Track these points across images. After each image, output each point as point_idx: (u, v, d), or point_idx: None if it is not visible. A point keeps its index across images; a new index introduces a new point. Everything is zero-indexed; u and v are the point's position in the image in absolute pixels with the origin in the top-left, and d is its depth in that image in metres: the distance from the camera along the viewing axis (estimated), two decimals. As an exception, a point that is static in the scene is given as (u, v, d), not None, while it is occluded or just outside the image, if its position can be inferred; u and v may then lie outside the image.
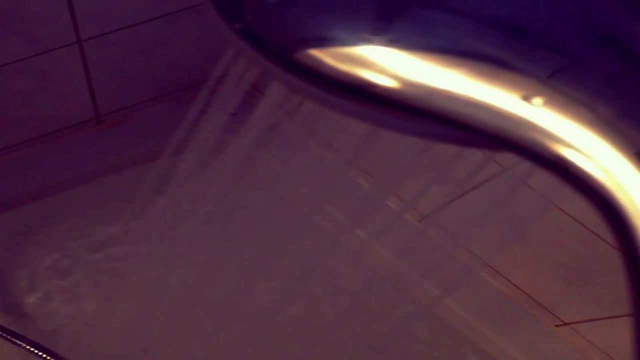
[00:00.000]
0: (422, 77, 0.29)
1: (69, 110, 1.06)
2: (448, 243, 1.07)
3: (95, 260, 1.05)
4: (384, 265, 1.09)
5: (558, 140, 0.26)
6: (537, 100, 0.26)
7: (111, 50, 1.00)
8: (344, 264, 1.05)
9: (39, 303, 1.02)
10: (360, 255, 1.05)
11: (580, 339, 1.03)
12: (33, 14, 0.87)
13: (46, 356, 0.93)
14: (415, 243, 1.09)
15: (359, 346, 1.05)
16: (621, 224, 0.24)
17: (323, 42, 0.31)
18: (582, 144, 0.25)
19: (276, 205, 1.03)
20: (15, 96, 0.97)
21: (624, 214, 0.24)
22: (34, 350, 0.92)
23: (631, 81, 0.28)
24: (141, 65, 1.06)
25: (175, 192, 0.88)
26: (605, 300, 0.97)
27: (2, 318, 0.99)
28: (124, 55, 1.02)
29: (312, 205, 1.01)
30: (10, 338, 0.93)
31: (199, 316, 0.92)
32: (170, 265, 0.97)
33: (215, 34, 1.17)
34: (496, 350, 1.07)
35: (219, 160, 0.76)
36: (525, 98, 0.27)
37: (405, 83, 0.29)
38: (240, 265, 0.91)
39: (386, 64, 0.29)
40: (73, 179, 1.09)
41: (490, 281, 1.08)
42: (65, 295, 1.03)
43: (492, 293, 1.09)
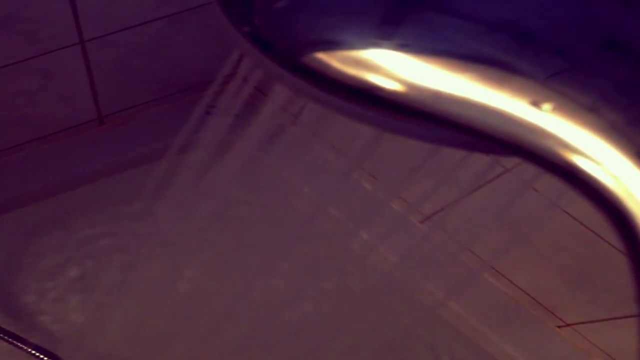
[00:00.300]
0: (430, 82, 0.29)
1: (71, 111, 1.06)
2: (450, 244, 1.07)
3: (97, 261, 1.05)
4: (386, 267, 1.09)
5: (567, 146, 0.26)
6: (546, 105, 0.26)
7: (113, 51, 1.00)
8: (346, 265, 1.05)
9: (41, 304, 1.02)
10: (363, 257, 1.05)
11: (582, 340, 1.03)
12: (36, 15, 0.87)
13: (47, 358, 0.93)
14: (417, 245, 1.08)
15: (361, 347, 1.05)
16: (630, 231, 0.24)
17: (330, 46, 0.31)
18: (591, 150, 0.25)
19: (279, 206, 1.03)
20: (18, 96, 0.97)
21: (634, 220, 0.24)
22: (36, 353, 0.92)
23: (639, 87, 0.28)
24: (143, 66, 1.05)
25: (178, 193, 0.87)
26: (607, 302, 0.97)
27: (4, 320, 0.99)
28: (126, 56, 1.02)
29: (316, 206, 1.01)
30: (12, 341, 0.92)
31: (202, 317, 0.91)
32: (173, 266, 0.97)
33: (218, 35, 1.17)
34: (498, 351, 1.07)
35: (221, 162, 0.76)
36: (534, 103, 0.27)
37: (413, 87, 0.29)
38: (243, 266, 0.90)
39: (395, 68, 0.29)
40: (75, 180, 1.09)
41: (492, 282, 1.09)
42: (68, 297, 1.03)
43: (494, 294, 1.09)
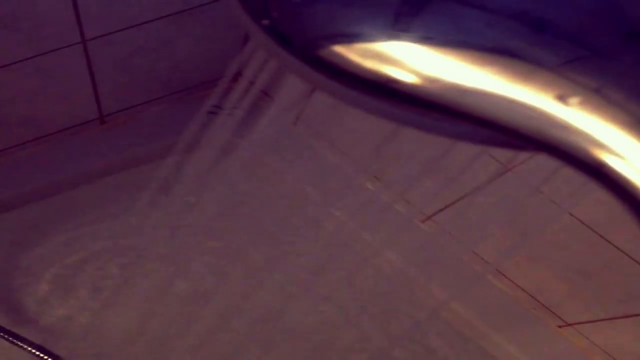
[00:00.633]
0: (453, 75, 0.29)
1: (72, 110, 1.05)
2: (452, 245, 1.07)
3: (99, 260, 1.04)
4: (388, 267, 1.09)
5: (594, 142, 0.25)
6: (573, 100, 0.26)
7: (115, 50, 0.99)
8: (349, 265, 1.05)
9: (42, 303, 1.01)
10: (366, 257, 1.04)
11: (583, 340, 1.03)
12: (38, 14, 0.87)
13: (47, 358, 0.92)
14: (419, 244, 1.08)
15: (364, 348, 1.05)
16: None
17: (349, 39, 0.31)
18: (619, 146, 0.25)
19: (282, 206, 1.03)
20: (20, 96, 0.97)
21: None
22: (35, 352, 0.91)
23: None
24: (145, 66, 1.05)
25: (180, 193, 0.87)
26: (609, 301, 0.97)
27: (4, 319, 0.98)
28: (128, 56, 1.01)
29: (320, 207, 1.01)
30: (12, 339, 0.92)
31: (204, 317, 0.91)
32: (175, 266, 0.96)
33: (220, 34, 1.16)
34: (499, 350, 1.07)
35: (224, 161, 0.75)
36: (560, 98, 0.27)
37: (435, 80, 0.29)
38: (247, 267, 0.90)
39: (416, 61, 0.29)
40: (76, 179, 1.09)
41: (493, 282, 1.08)
42: (70, 296, 1.02)
43: (496, 294, 1.09)
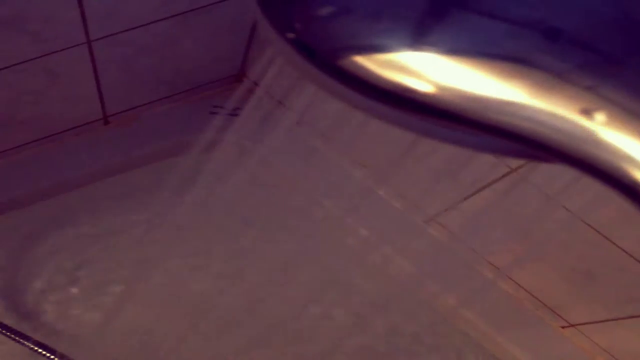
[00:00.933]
0: (480, 88, 0.29)
1: (76, 110, 1.05)
2: (455, 245, 1.07)
3: (101, 260, 1.05)
4: (392, 268, 1.09)
5: (622, 158, 0.26)
6: (599, 115, 0.27)
7: (120, 51, 0.99)
8: (352, 265, 1.05)
9: (47, 303, 1.01)
10: (369, 257, 1.05)
11: (585, 340, 1.04)
12: (43, 15, 0.86)
13: (51, 356, 0.92)
14: (421, 244, 1.09)
15: (368, 350, 1.05)
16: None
17: (373, 51, 0.31)
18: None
19: (289, 209, 1.03)
20: (24, 96, 0.97)
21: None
22: (40, 350, 0.92)
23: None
24: (149, 66, 1.05)
25: (184, 193, 0.87)
26: (612, 302, 0.97)
27: (10, 317, 0.98)
28: (132, 56, 1.01)
29: (324, 208, 1.01)
30: (17, 338, 0.92)
31: (211, 322, 0.91)
32: (184, 266, 0.96)
33: (224, 35, 1.16)
34: (501, 350, 1.08)
35: (228, 162, 0.76)
36: (585, 112, 0.27)
37: (461, 94, 0.29)
38: (256, 272, 0.90)
39: (443, 75, 0.30)
40: (79, 179, 1.09)
41: (496, 282, 1.09)
42: (73, 295, 1.02)
43: (498, 294, 1.09)
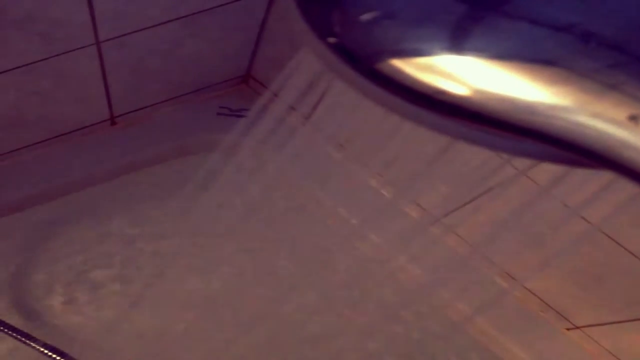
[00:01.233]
0: (523, 93, 0.29)
1: (84, 111, 1.05)
2: (461, 247, 1.07)
3: (110, 260, 1.04)
4: (396, 269, 1.09)
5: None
6: (647, 121, 0.27)
7: (128, 52, 0.99)
8: (365, 271, 1.05)
9: (54, 304, 1.01)
10: (374, 258, 1.05)
11: (591, 343, 1.04)
12: (54, 16, 0.86)
13: (60, 359, 0.92)
14: (429, 247, 1.09)
15: (376, 354, 1.06)
16: None
17: (413, 54, 0.32)
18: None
19: (300, 212, 1.03)
20: (32, 96, 0.96)
21: None
22: (49, 352, 0.91)
23: None
24: (157, 67, 1.05)
25: (189, 194, 0.87)
26: (617, 304, 0.98)
27: (19, 319, 0.98)
28: (140, 57, 1.01)
29: (327, 209, 1.01)
30: (25, 340, 0.92)
31: (223, 325, 0.91)
32: (196, 270, 0.96)
33: (232, 37, 1.15)
34: (506, 352, 1.08)
35: (234, 163, 0.75)
36: (633, 118, 0.27)
37: (506, 100, 0.29)
38: (267, 277, 0.90)
39: (487, 81, 0.30)
40: (86, 180, 1.08)
41: (502, 284, 1.09)
42: (80, 295, 1.02)
43: (504, 296, 1.10)
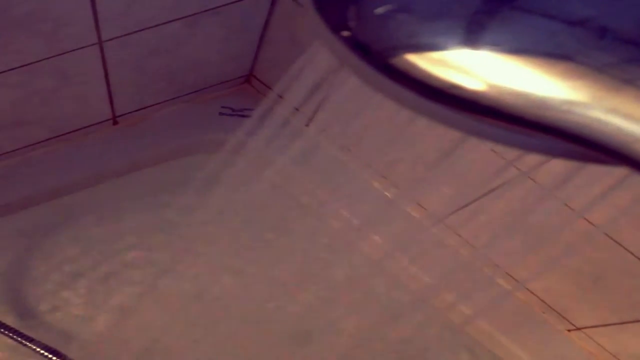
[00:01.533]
0: (541, 88, 0.29)
1: (86, 110, 1.05)
2: (464, 248, 1.07)
3: (112, 261, 1.04)
4: (398, 270, 1.09)
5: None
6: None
7: (131, 52, 0.99)
8: (367, 272, 1.05)
9: (53, 305, 1.00)
10: (377, 259, 1.05)
11: (592, 344, 1.04)
12: (57, 15, 0.86)
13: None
14: (431, 248, 1.09)
15: (375, 352, 1.05)
16: None
17: (427, 48, 0.32)
18: None
19: (303, 213, 1.03)
20: (34, 96, 0.96)
21: None
22: (46, 354, 0.91)
23: None
24: (159, 67, 1.05)
25: (191, 195, 0.87)
26: (619, 306, 0.98)
27: (16, 321, 0.98)
28: (143, 57, 1.01)
29: (330, 210, 1.01)
30: (25, 342, 0.91)
31: (225, 326, 0.91)
32: (193, 270, 0.96)
33: (234, 36, 1.15)
34: (507, 353, 1.08)
35: (237, 163, 0.75)
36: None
37: (526, 97, 0.29)
38: (270, 278, 0.90)
39: (501, 74, 0.30)
40: (88, 179, 1.08)
41: (503, 285, 1.09)
42: (80, 299, 1.02)
43: (505, 297, 1.10)
